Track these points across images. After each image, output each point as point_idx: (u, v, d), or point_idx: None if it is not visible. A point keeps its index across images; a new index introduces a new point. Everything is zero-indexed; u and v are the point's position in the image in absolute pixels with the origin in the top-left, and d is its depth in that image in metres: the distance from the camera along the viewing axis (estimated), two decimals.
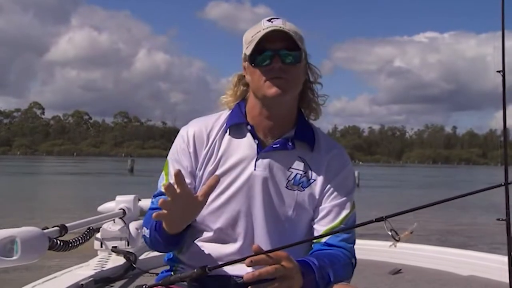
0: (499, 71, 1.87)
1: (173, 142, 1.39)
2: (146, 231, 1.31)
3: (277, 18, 1.30)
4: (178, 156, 1.35)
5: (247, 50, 1.27)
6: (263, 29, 1.25)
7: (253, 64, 1.27)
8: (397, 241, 1.06)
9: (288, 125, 1.33)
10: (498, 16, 1.97)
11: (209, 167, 1.32)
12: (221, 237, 1.31)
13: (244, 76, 1.36)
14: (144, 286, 1.15)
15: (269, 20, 1.29)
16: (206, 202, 1.17)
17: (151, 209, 1.34)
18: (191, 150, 1.33)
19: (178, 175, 1.11)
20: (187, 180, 1.31)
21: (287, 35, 1.24)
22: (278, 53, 1.25)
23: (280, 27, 1.25)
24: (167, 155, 1.40)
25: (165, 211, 1.12)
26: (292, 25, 1.29)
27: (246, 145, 1.32)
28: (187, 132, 1.36)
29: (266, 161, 1.30)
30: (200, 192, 1.16)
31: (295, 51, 1.26)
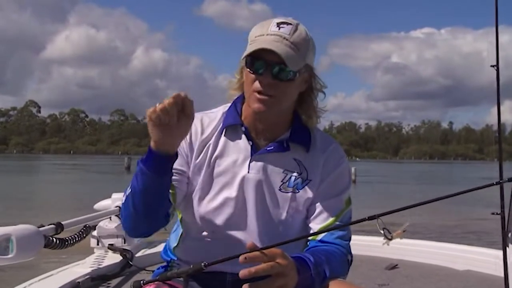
0: (493, 66, 1.88)
1: None
2: (128, 191, 1.19)
3: (287, 24, 1.22)
4: None
5: (248, 49, 1.22)
6: (267, 34, 1.21)
7: (247, 67, 1.23)
8: (390, 239, 1.07)
9: (283, 127, 1.32)
10: (494, 11, 1.98)
11: (204, 168, 1.30)
12: (216, 238, 1.30)
13: None
14: (141, 282, 1.15)
15: (278, 25, 1.22)
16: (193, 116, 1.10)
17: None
18: (188, 140, 1.31)
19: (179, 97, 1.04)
20: (183, 168, 1.30)
21: (288, 48, 1.18)
22: (271, 68, 1.19)
23: (284, 37, 1.19)
24: None
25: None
26: (302, 34, 1.22)
27: (240, 147, 1.31)
28: None
29: (260, 163, 1.29)
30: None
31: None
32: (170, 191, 1.24)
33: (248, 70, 1.23)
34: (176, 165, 1.27)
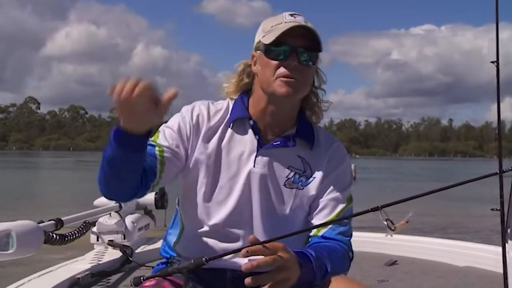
0: (493, 62, 1.88)
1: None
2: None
3: (298, 15, 1.25)
4: (177, 124, 1.29)
5: (265, 38, 1.23)
6: (285, 22, 1.22)
7: (267, 55, 1.23)
8: (393, 230, 1.06)
9: (290, 122, 1.32)
10: (494, 7, 1.97)
11: (208, 160, 1.29)
12: (218, 233, 1.30)
13: (250, 65, 1.31)
14: (141, 277, 1.15)
15: (291, 15, 1.24)
16: (165, 112, 1.04)
17: None
18: (192, 122, 1.29)
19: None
20: (176, 149, 1.26)
21: (308, 33, 1.20)
22: (296, 50, 1.20)
23: (303, 24, 1.21)
24: None
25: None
26: (312, 25, 1.24)
27: (247, 140, 1.30)
28: (192, 109, 1.32)
29: (265, 158, 1.29)
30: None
31: (313, 51, 1.22)
32: (158, 166, 1.21)
33: (268, 57, 1.22)
34: (171, 143, 1.26)
